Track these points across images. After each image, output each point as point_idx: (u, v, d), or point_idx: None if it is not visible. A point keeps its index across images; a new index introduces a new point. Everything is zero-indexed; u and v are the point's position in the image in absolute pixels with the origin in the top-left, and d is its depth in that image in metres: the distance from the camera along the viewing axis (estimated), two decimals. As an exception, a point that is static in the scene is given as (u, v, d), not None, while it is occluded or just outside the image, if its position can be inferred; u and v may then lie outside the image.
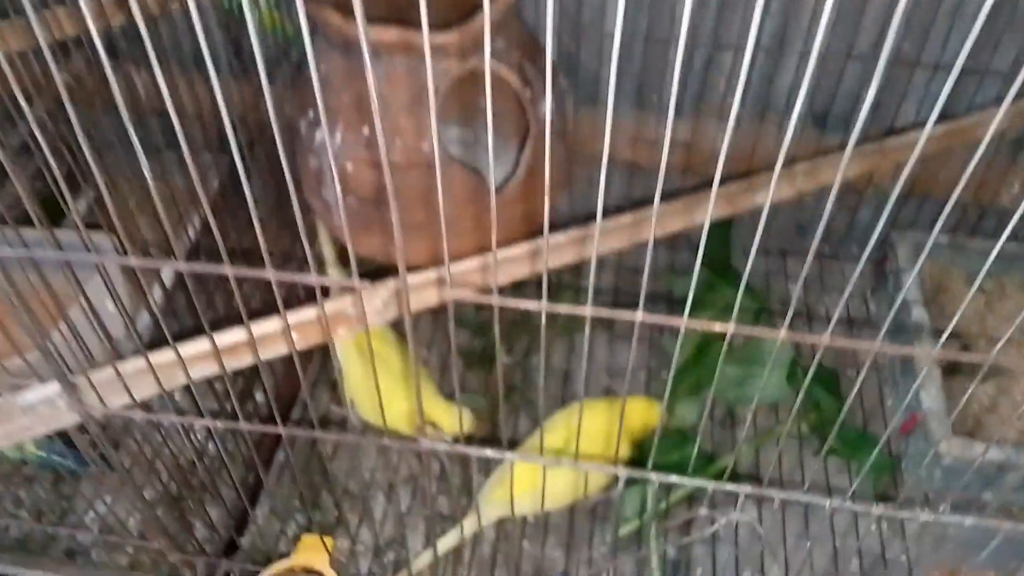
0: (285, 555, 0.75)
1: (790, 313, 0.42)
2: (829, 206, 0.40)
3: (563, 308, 0.44)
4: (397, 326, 0.89)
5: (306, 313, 0.62)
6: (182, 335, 0.59)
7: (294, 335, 0.64)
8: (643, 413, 0.90)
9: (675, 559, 0.90)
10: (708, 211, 0.42)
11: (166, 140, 0.86)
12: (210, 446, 0.92)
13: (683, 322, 0.43)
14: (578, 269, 1.17)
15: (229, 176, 1.05)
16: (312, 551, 0.70)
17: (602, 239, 0.67)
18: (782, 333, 0.43)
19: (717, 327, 0.43)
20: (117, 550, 0.90)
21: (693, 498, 0.94)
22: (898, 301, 0.44)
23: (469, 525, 0.83)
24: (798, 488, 0.55)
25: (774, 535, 0.89)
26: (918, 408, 0.92)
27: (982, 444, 0.87)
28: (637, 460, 0.91)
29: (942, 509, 0.86)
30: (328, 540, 0.71)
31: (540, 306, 0.43)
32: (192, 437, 0.92)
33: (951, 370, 0.99)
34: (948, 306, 1.07)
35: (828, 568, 0.88)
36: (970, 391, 0.47)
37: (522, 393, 1.04)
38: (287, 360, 1.06)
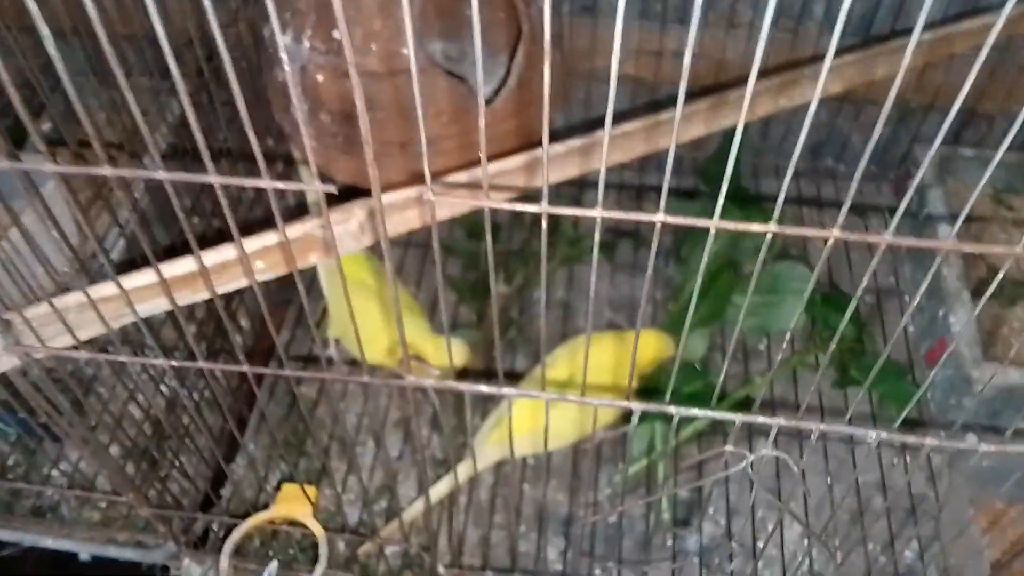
0: (266, 508, 0.68)
1: (779, 203, 0.35)
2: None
3: (567, 210, 0.36)
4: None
5: (268, 237, 0.54)
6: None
7: (258, 263, 0.56)
8: (653, 345, 0.84)
9: (687, 500, 0.84)
10: (744, 104, 0.34)
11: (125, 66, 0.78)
12: (185, 395, 0.85)
13: (713, 223, 0.35)
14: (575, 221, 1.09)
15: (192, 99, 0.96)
16: (294, 502, 0.64)
17: (611, 148, 0.59)
18: (771, 227, 0.36)
19: (755, 227, 0.36)
20: (88, 506, 0.84)
21: (703, 436, 0.88)
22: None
23: (464, 471, 0.77)
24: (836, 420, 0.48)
25: (783, 471, 0.83)
26: (946, 332, 0.86)
27: (1017, 369, 0.81)
28: (646, 394, 0.85)
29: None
30: (311, 490, 0.64)
31: (541, 208, 0.36)
32: (162, 384, 0.85)
33: (980, 292, 0.92)
34: (973, 226, 0.99)
35: (850, 505, 0.83)
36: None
37: (519, 329, 0.97)
38: (270, 295, 1.00)
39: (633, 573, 0.77)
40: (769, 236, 0.35)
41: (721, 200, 0.34)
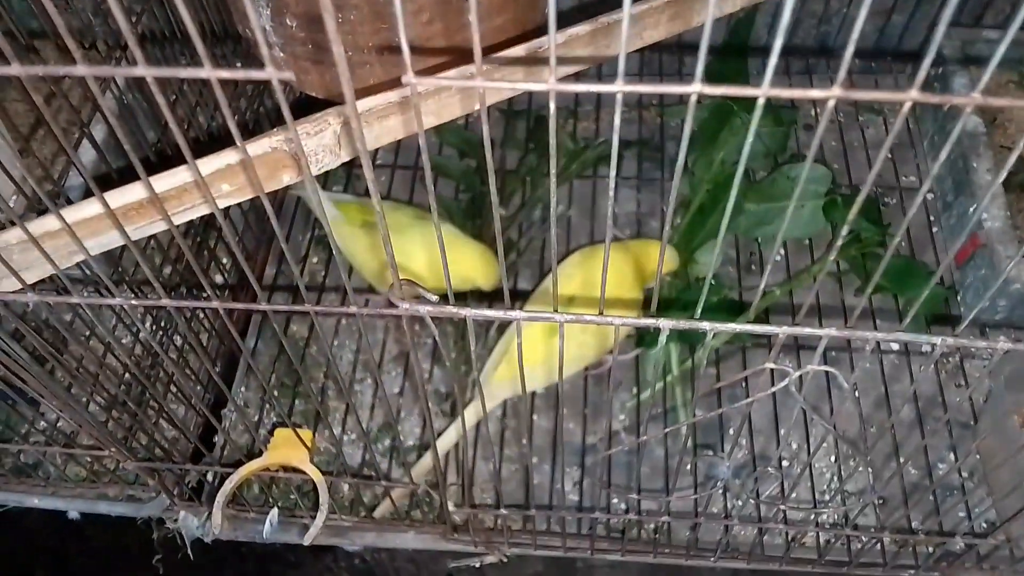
0: (260, 455, 0.63)
1: (773, 61, 0.28)
2: None
3: (581, 87, 0.29)
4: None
5: (230, 155, 0.47)
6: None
7: (223, 186, 0.50)
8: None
9: (706, 423, 0.80)
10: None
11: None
12: (166, 340, 0.80)
13: (761, 92, 0.28)
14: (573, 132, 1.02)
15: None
16: (288, 447, 0.59)
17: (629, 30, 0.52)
18: (836, 91, 0.30)
19: (814, 93, 0.29)
20: (72, 462, 0.79)
21: (720, 353, 0.83)
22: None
23: (472, 415, 0.72)
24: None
25: (809, 386, 0.79)
26: (978, 229, 0.80)
27: (1057, 265, 0.75)
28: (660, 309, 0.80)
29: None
30: (305, 433, 0.59)
31: (549, 85, 0.29)
32: (140, 332, 0.79)
33: (1010, 185, 0.86)
34: (998, 115, 0.92)
35: (882, 417, 0.78)
36: None
37: (519, 252, 0.91)
38: (254, 237, 0.94)
39: (655, 503, 0.72)
40: (831, 103, 0.29)
41: (774, 59, 0.27)
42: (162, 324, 0.80)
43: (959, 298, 0.84)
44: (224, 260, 0.89)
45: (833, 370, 0.41)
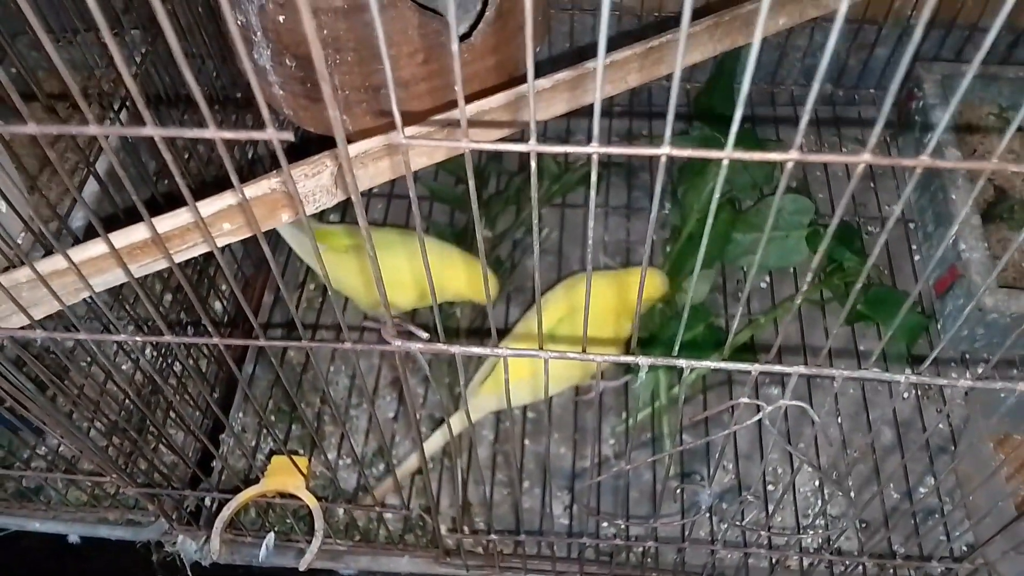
0: (257, 481, 0.65)
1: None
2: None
3: (557, 148, 0.32)
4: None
5: (230, 196, 0.50)
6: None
7: (224, 225, 0.52)
8: (650, 285, 0.80)
9: (693, 450, 0.82)
10: (760, 18, 0.29)
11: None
12: (166, 368, 0.81)
13: (725, 154, 0.31)
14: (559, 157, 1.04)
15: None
16: (284, 474, 0.61)
17: (604, 79, 0.55)
18: (793, 154, 0.32)
19: (774, 156, 0.31)
20: (74, 487, 0.80)
21: (707, 380, 0.85)
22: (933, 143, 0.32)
23: (458, 422, 0.74)
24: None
25: (792, 413, 0.81)
26: (956, 260, 0.82)
27: (1033, 295, 0.78)
28: (647, 342, 0.82)
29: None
30: (301, 460, 0.61)
31: (529, 147, 0.31)
32: (140, 359, 0.81)
33: (989, 216, 0.88)
34: (979, 148, 0.95)
35: (862, 441, 0.80)
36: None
37: (508, 273, 0.93)
38: (248, 257, 0.96)
39: (642, 528, 0.74)
40: (790, 166, 0.31)
41: (735, 129, 0.29)
42: (162, 352, 0.82)
43: (939, 327, 0.86)
44: (224, 287, 0.91)
45: (804, 405, 0.43)
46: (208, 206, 0.49)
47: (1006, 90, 0.97)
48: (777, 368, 0.42)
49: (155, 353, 0.82)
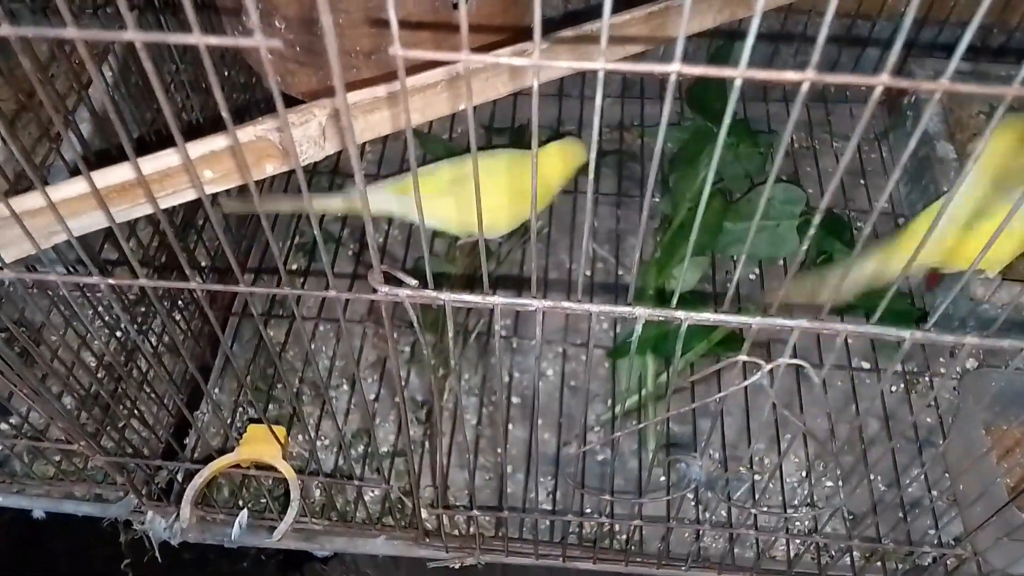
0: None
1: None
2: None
3: (563, 63, 0.30)
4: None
5: (216, 141, 0.48)
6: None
7: (206, 172, 0.50)
8: (564, 155, 0.84)
9: (679, 430, 0.80)
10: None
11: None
12: (141, 338, 0.79)
13: (739, 72, 0.29)
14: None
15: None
16: (261, 443, 0.59)
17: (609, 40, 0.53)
18: (809, 74, 0.31)
19: (789, 75, 0.30)
20: (40, 459, 0.78)
21: (694, 365, 0.84)
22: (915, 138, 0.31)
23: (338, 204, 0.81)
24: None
25: (784, 398, 0.80)
26: (948, 252, 0.82)
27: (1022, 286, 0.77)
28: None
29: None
30: (279, 430, 0.59)
31: (532, 61, 0.30)
32: (117, 330, 0.79)
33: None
34: (968, 145, 0.95)
35: (851, 434, 0.79)
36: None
37: (499, 260, 0.91)
38: (236, 233, 0.93)
39: (626, 507, 0.73)
40: (805, 86, 0.30)
41: (749, 43, 0.28)
42: (139, 320, 0.80)
43: (930, 320, 0.85)
44: (203, 263, 0.88)
45: (804, 363, 0.42)
46: (191, 149, 0.47)
47: (1000, 86, 0.97)
48: (779, 321, 0.40)
49: (131, 322, 0.79)
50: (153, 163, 0.47)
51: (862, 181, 1.00)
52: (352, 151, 0.35)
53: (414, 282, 0.42)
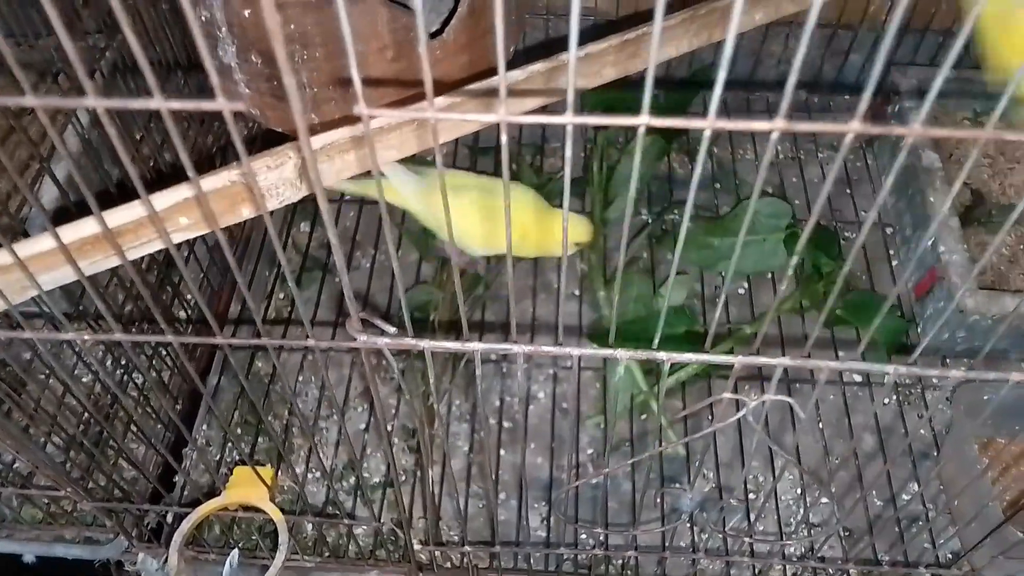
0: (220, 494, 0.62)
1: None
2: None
3: (531, 119, 0.30)
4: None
5: (183, 189, 0.47)
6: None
7: (182, 219, 0.50)
8: (572, 230, 0.83)
9: (673, 456, 0.80)
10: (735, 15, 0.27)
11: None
12: (120, 380, 0.78)
13: (708, 124, 0.29)
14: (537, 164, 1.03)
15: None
16: (248, 486, 0.58)
17: (578, 71, 0.53)
18: (779, 123, 0.30)
19: (758, 125, 0.29)
20: (29, 503, 0.77)
21: (686, 385, 0.83)
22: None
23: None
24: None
25: (772, 419, 0.79)
26: (936, 262, 0.81)
27: (1013, 297, 0.77)
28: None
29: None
30: (266, 471, 0.58)
31: (499, 117, 0.29)
32: (101, 372, 0.78)
33: (967, 220, 0.88)
34: (954, 151, 0.95)
35: (845, 450, 0.78)
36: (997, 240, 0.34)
37: (487, 285, 0.91)
38: (220, 272, 0.93)
39: (621, 537, 0.72)
40: (775, 135, 0.29)
41: (717, 94, 0.28)
42: (122, 363, 0.79)
43: (919, 330, 0.85)
44: (188, 297, 0.88)
45: (790, 399, 0.41)
46: (163, 198, 0.47)
47: (980, 95, 0.97)
48: (763, 360, 0.40)
49: (115, 364, 0.78)
50: (126, 213, 0.47)
51: (848, 190, 1.00)
52: (321, 199, 0.34)
53: (392, 329, 0.41)
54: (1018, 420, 0.76)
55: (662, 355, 0.41)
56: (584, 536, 0.76)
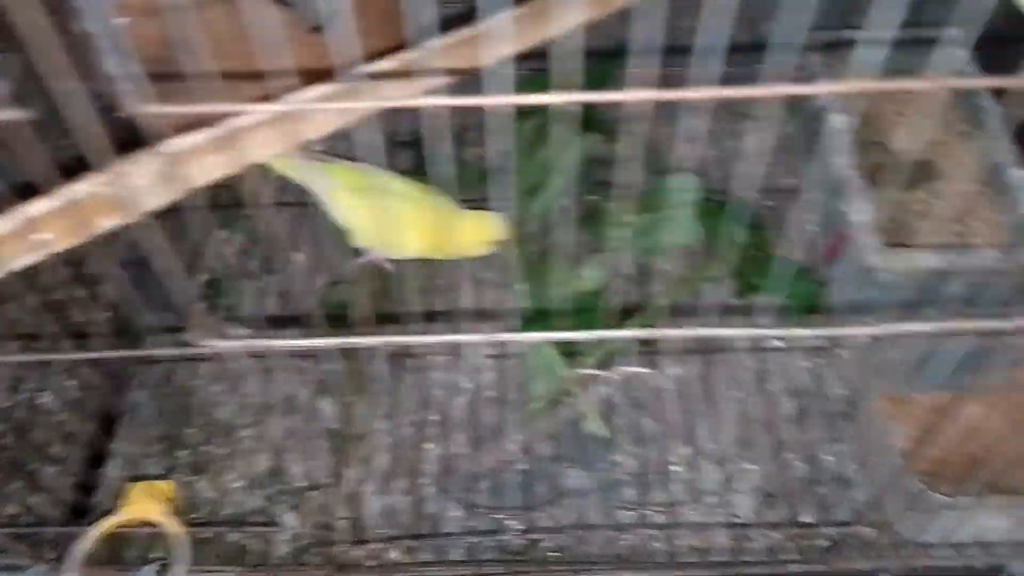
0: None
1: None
2: None
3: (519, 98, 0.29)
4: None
5: (42, 203, 0.46)
6: None
7: (46, 235, 0.48)
8: (477, 228, 0.82)
9: (593, 433, 0.80)
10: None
11: None
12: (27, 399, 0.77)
13: (632, 96, 0.28)
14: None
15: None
16: (145, 502, 0.57)
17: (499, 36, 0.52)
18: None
19: (692, 94, 0.29)
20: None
21: (603, 364, 0.83)
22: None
23: None
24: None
25: (692, 390, 0.79)
26: (846, 226, 0.82)
27: (920, 252, 0.78)
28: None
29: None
30: (164, 485, 0.57)
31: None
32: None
33: (878, 179, 0.88)
34: (866, 112, 0.95)
35: (765, 415, 0.79)
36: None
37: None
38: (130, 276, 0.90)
39: (551, 521, 0.72)
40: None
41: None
42: (30, 385, 0.77)
43: (832, 291, 0.86)
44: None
45: (645, 369, 0.41)
46: (24, 212, 0.46)
47: (891, 54, 0.97)
48: (660, 333, 0.39)
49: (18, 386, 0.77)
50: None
51: (772, 160, 0.99)
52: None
53: (244, 331, 0.41)
54: (931, 375, 0.77)
55: (568, 334, 0.40)
56: (515, 523, 0.75)
